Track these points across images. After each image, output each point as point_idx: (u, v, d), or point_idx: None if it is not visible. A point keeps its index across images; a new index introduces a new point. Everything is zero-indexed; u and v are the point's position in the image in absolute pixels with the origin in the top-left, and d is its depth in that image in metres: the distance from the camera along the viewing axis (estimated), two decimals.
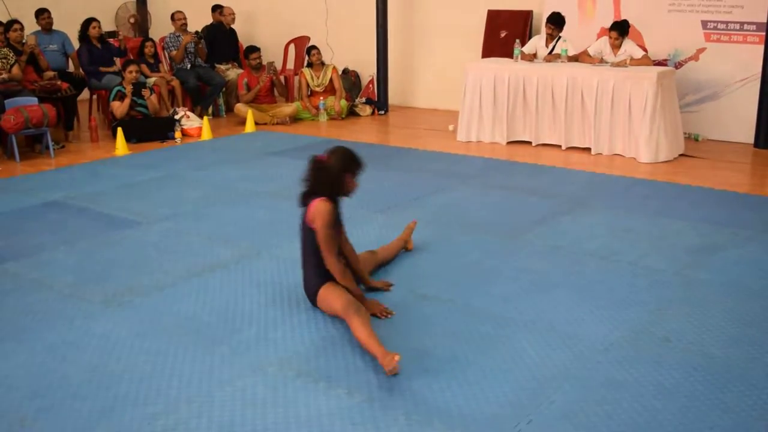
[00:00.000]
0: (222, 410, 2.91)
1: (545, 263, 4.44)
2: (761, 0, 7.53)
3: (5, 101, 7.35)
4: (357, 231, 5.02)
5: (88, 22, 9.06)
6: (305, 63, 9.84)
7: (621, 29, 7.61)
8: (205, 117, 8.83)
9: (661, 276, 4.23)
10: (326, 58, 10.01)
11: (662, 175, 6.55)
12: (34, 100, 7.51)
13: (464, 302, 3.88)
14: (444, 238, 4.90)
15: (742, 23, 7.71)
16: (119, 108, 8.16)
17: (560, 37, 8.00)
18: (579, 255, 4.57)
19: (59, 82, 8.24)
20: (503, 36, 9.07)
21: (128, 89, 8.18)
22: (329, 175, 3.60)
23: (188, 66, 9.71)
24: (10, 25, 8.23)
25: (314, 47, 9.67)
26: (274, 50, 10.82)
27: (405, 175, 6.56)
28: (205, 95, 9.63)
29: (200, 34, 9.88)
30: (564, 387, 3.05)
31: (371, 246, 4.44)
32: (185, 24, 9.88)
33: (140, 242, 4.92)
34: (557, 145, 7.57)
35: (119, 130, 7.73)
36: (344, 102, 9.58)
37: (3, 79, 7.66)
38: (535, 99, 7.61)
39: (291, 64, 10.85)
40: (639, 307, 3.80)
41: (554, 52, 7.95)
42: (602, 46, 7.75)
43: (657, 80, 6.95)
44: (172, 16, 9.91)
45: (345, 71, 10.38)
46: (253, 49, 9.51)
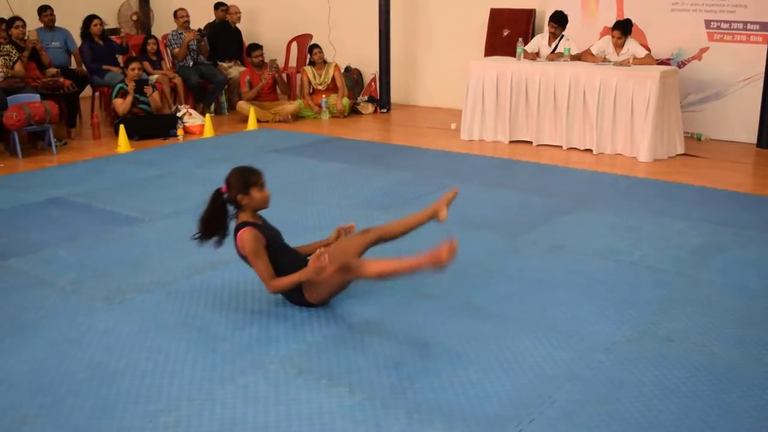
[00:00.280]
0: (223, 408, 2.91)
1: (547, 262, 4.44)
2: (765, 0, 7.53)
3: (8, 98, 7.34)
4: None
5: (90, 19, 9.06)
6: (307, 61, 9.85)
7: (624, 28, 7.60)
8: (208, 114, 8.82)
9: (664, 276, 4.23)
10: (328, 56, 10.01)
11: (664, 175, 6.54)
12: (37, 97, 7.52)
13: (466, 301, 3.88)
14: (445, 236, 4.87)
15: (746, 23, 7.69)
16: (121, 105, 8.17)
17: (563, 36, 7.99)
18: (581, 254, 4.56)
19: (62, 79, 8.25)
20: (506, 34, 9.06)
21: (131, 86, 8.19)
22: (233, 202, 3.79)
23: (191, 63, 9.71)
24: (13, 22, 8.23)
25: (316, 46, 9.66)
26: (277, 48, 10.81)
27: (407, 174, 6.55)
28: (208, 93, 9.62)
29: (203, 32, 9.88)
30: (566, 386, 3.05)
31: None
32: (188, 21, 9.88)
33: (142, 239, 4.92)
34: (558, 146, 7.56)
35: (121, 128, 7.73)
36: (346, 100, 9.58)
37: (5, 76, 7.66)
38: (537, 98, 7.60)
39: (293, 62, 10.85)
40: (641, 307, 3.80)
41: (557, 51, 7.94)
42: (605, 46, 7.75)
43: (660, 79, 6.94)
44: (175, 14, 9.91)
45: (347, 69, 10.37)
46: (256, 47, 9.51)
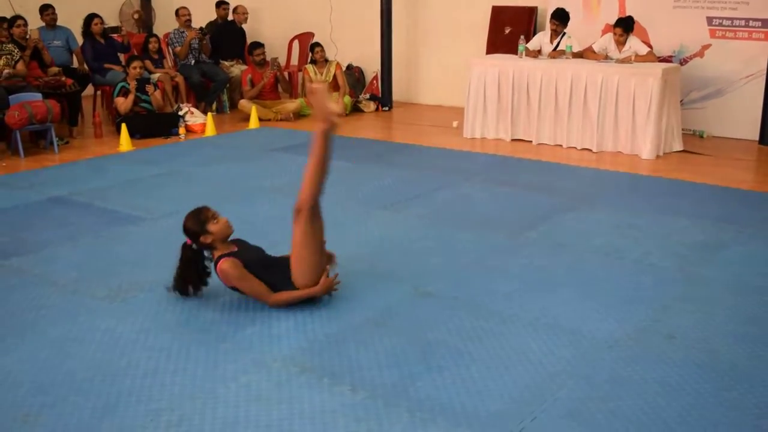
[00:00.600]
0: (226, 406, 2.91)
1: (549, 260, 4.43)
2: None
3: (9, 97, 7.35)
4: (360, 228, 5.04)
5: (91, 18, 9.06)
6: (309, 59, 9.84)
7: (626, 26, 7.59)
8: (209, 113, 8.82)
9: (666, 273, 4.22)
10: (330, 55, 10.00)
11: (666, 172, 6.53)
12: (39, 96, 7.52)
13: (468, 299, 3.88)
14: (448, 235, 4.89)
15: (748, 20, 7.67)
16: (123, 104, 8.17)
17: (565, 34, 7.98)
18: (583, 252, 4.56)
19: (63, 78, 8.25)
20: (508, 32, 9.05)
21: (132, 85, 8.19)
22: (202, 246, 3.77)
23: (192, 62, 9.71)
24: (14, 21, 8.24)
25: (318, 44, 9.66)
26: (278, 46, 10.81)
27: (409, 172, 6.54)
28: (209, 91, 9.62)
29: (204, 30, 9.87)
30: (568, 384, 3.05)
31: (371, 244, 4.40)
32: (189, 20, 9.87)
33: (144, 238, 4.92)
34: (560, 143, 7.55)
35: (123, 126, 7.74)
36: (348, 98, 9.57)
37: (7, 75, 7.67)
38: (539, 96, 7.59)
39: (295, 60, 10.85)
40: (643, 305, 3.79)
41: (559, 49, 7.93)
42: (607, 43, 7.73)
43: (662, 77, 6.93)
44: (177, 12, 9.91)
45: (349, 67, 10.37)
46: (257, 45, 9.51)
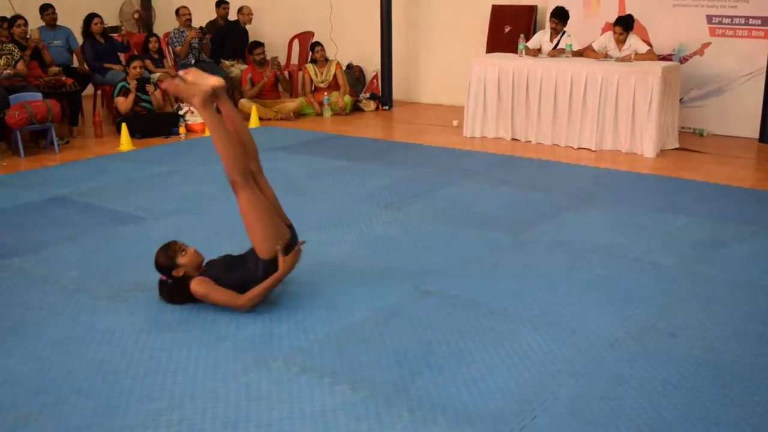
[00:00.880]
0: (226, 406, 2.91)
1: (550, 259, 4.43)
2: None
3: (10, 97, 7.35)
4: (360, 227, 5.04)
5: (91, 18, 9.06)
6: (309, 59, 9.84)
7: (625, 24, 7.58)
8: None
9: (667, 271, 4.22)
10: (330, 54, 9.99)
11: (667, 171, 6.53)
12: (39, 96, 7.51)
13: (469, 297, 3.88)
14: (448, 234, 4.89)
15: (747, 18, 7.67)
16: (123, 103, 8.16)
17: (564, 32, 7.98)
18: (584, 250, 4.56)
19: (64, 78, 8.25)
20: (507, 31, 9.05)
21: (132, 85, 8.19)
22: (177, 279, 3.77)
23: (192, 61, 9.70)
24: (14, 21, 8.24)
25: (318, 44, 9.65)
26: (278, 45, 10.80)
27: (409, 171, 6.54)
28: None
29: (204, 30, 9.87)
30: (569, 382, 3.05)
31: (371, 243, 4.40)
32: (189, 19, 9.87)
33: (145, 238, 4.91)
34: (560, 142, 7.55)
35: (123, 126, 7.73)
36: (348, 97, 9.57)
37: (8, 75, 7.67)
38: (539, 94, 7.58)
39: (295, 60, 10.84)
40: (644, 303, 3.79)
41: (559, 48, 7.93)
42: (607, 41, 7.73)
43: (662, 75, 6.92)
44: (177, 12, 9.90)
45: (349, 66, 10.36)
46: (257, 45, 9.50)
